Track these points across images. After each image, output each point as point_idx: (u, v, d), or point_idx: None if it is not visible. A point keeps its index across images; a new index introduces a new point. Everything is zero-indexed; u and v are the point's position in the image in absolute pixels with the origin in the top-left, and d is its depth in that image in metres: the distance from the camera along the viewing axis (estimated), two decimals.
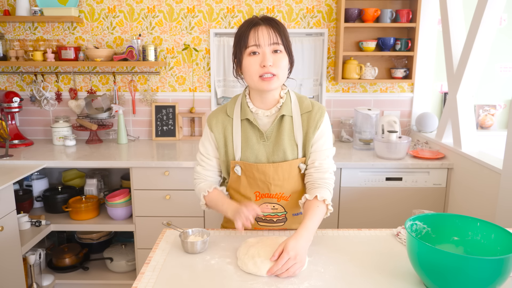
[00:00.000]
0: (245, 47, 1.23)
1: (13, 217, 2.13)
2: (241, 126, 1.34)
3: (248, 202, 1.28)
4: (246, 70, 1.25)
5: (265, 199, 1.38)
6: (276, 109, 1.33)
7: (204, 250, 1.25)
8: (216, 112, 1.39)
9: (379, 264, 1.18)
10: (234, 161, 1.35)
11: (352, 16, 2.70)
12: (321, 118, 1.33)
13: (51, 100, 3.00)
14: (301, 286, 1.07)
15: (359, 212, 2.47)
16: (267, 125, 1.34)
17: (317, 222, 1.22)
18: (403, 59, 2.85)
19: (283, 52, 1.25)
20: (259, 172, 1.33)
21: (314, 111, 1.33)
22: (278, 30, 1.23)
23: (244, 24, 1.27)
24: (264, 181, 1.34)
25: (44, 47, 2.84)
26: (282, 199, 1.37)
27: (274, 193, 1.36)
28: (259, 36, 1.21)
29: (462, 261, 0.93)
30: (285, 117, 1.32)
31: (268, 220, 1.40)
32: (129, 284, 2.55)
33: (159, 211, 2.45)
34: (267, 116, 1.33)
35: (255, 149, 1.33)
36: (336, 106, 3.00)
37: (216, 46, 2.90)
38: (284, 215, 1.40)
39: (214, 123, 1.37)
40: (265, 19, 1.25)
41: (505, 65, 2.99)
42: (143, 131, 3.05)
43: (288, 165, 1.32)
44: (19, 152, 2.60)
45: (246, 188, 1.38)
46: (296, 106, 1.34)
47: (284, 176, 1.33)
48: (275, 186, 1.34)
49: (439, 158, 2.46)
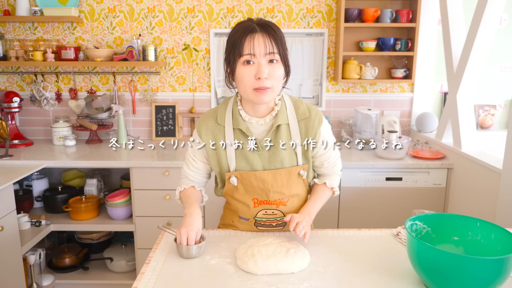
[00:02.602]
0: (240, 55, 1.15)
1: (13, 217, 2.13)
2: (235, 134, 1.27)
3: (195, 228, 1.23)
4: (240, 80, 1.18)
5: (263, 205, 1.33)
6: (271, 117, 1.26)
7: (199, 255, 1.22)
8: (205, 119, 1.31)
9: (379, 264, 1.18)
10: (229, 173, 1.29)
11: (352, 16, 2.70)
12: (320, 125, 1.28)
13: (51, 100, 3.00)
14: (301, 286, 1.07)
15: (359, 212, 2.47)
16: (261, 134, 1.27)
17: (320, 206, 1.33)
18: (403, 59, 2.85)
19: (279, 61, 1.17)
20: (257, 180, 1.28)
21: (312, 118, 1.28)
22: (275, 38, 1.15)
23: (239, 29, 1.17)
24: (263, 189, 1.29)
25: (44, 47, 2.84)
26: (281, 205, 1.33)
27: (273, 200, 1.31)
28: (255, 45, 1.13)
29: (462, 261, 0.93)
30: (281, 125, 1.25)
31: (267, 225, 1.38)
32: (129, 284, 2.55)
33: (159, 211, 2.45)
34: (261, 125, 1.26)
35: (250, 159, 1.27)
36: (336, 106, 3.00)
37: (216, 46, 2.90)
38: (283, 219, 1.35)
39: (203, 132, 1.29)
40: (262, 25, 1.17)
41: (505, 65, 2.99)
42: (143, 131, 3.05)
43: (287, 172, 1.28)
44: (19, 152, 2.60)
45: (243, 195, 1.33)
46: (292, 112, 1.27)
47: (283, 183, 1.29)
48: (274, 192, 1.30)
49: (439, 158, 2.46)
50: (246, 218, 1.38)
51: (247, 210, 1.35)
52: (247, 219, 1.38)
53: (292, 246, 1.20)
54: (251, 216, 1.36)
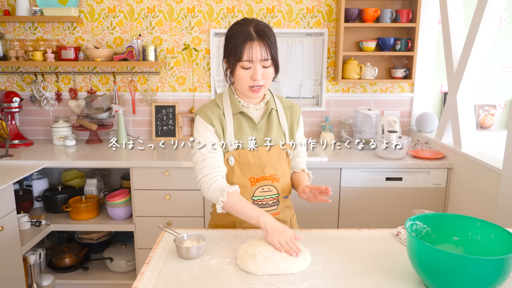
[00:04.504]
0: (239, 60, 1.33)
1: (13, 217, 2.13)
2: (234, 119, 1.43)
3: (289, 230, 1.24)
4: (238, 79, 1.37)
5: (260, 182, 1.44)
6: (264, 104, 1.47)
7: (199, 255, 1.22)
8: (208, 106, 1.44)
9: (379, 264, 1.18)
10: (228, 153, 1.41)
11: (352, 16, 2.70)
12: (300, 113, 1.56)
13: (51, 100, 2.99)
14: (301, 286, 1.07)
15: (359, 212, 2.47)
16: (257, 118, 1.46)
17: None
18: (403, 59, 2.85)
19: (271, 64, 1.37)
20: (254, 156, 1.42)
21: (294, 107, 1.54)
22: (269, 45, 1.33)
23: (238, 34, 1.32)
24: (259, 165, 1.43)
25: (44, 47, 2.84)
26: (275, 181, 1.46)
27: (269, 175, 1.44)
28: (253, 53, 1.31)
29: (462, 261, 0.93)
30: (272, 110, 1.48)
31: (265, 204, 1.45)
32: (129, 284, 2.55)
33: (159, 211, 2.45)
34: (257, 110, 1.46)
35: (247, 144, 1.43)
36: (336, 106, 3.00)
37: (216, 46, 2.90)
38: (277, 197, 1.47)
39: (211, 116, 1.41)
40: (259, 32, 1.32)
41: (505, 65, 2.99)
42: (143, 131, 3.05)
43: (278, 149, 1.46)
44: (19, 152, 2.60)
45: (239, 177, 1.43)
46: (278, 101, 1.51)
47: (276, 159, 1.45)
48: (269, 167, 1.44)
49: (439, 158, 2.46)
50: None
51: (245, 191, 1.43)
52: None
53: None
54: (248, 196, 1.44)
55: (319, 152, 2.50)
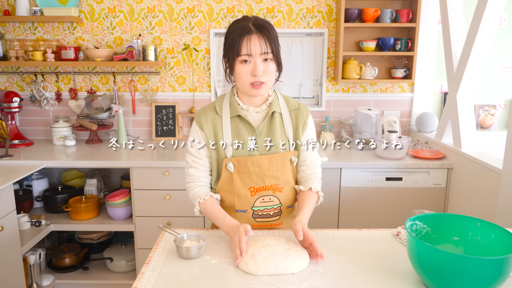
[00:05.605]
0: (238, 55, 1.27)
1: (13, 217, 2.13)
2: (232, 123, 1.37)
3: (243, 225, 1.22)
4: (238, 76, 1.31)
5: (260, 192, 1.38)
6: (266, 106, 1.39)
7: (199, 255, 1.22)
8: (204, 110, 1.40)
9: (379, 264, 1.18)
10: (227, 159, 1.36)
11: (352, 16, 2.70)
12: (308, 115, 1.43)
13: (51, 100, 3.00)
14: (301, 286, 1.07)
15: (359, 212, 2.47)
16: (258, 121, 1.38)
17: (312, 210, 1.37)
18: (403, 59, 2.85)
19: (272, 59, 1.30)
20: (254, 165, 1.35)
21: (301, 109, 1.42)
22: (269, 38, 1.27)
23: (236, 29, 1.27)
24: (259, 174, 1.36)
25: (44, 47, 2.84)
26: (277, 191, 1.39)
27: (269, 185, 1.38)
28: (251, 46, 1.25)
29: (462, 261, 0.93)
30: (275, 113, 1.38)
31: (265, 215, 1.41)
32: (129, 284, 2.55)
33: (159, 211, 2.45)
34: (257, 113, 1.38)
35: (247, 145, 1.37)
36: (336, 106, 3.00)
37: (216, 46, 2.90)
38: (280, 207, 1.41)
39: (203, 121, 1.37)
40: (257, 25, 1.27)
41: (505, 65, 2.99)
42: (143, 131, 3.05)
43: (281, 156, 1.37)
44: (19, 152, 2.60)
45: (239, 186, 1.37)
46: (283, 103, 1.41)
47: (278, 167, 1.38)
48: (270, 177, 1.37)
49: (439, 158, 2.46)
50: (244, 210, 1.40)
51: (245, 201, 1.39)
52: (245, 210, 1.40)
53: (292, 246, 1.20)
54: (248, 206, 1.39)
55: (319, 152, 2.49)
